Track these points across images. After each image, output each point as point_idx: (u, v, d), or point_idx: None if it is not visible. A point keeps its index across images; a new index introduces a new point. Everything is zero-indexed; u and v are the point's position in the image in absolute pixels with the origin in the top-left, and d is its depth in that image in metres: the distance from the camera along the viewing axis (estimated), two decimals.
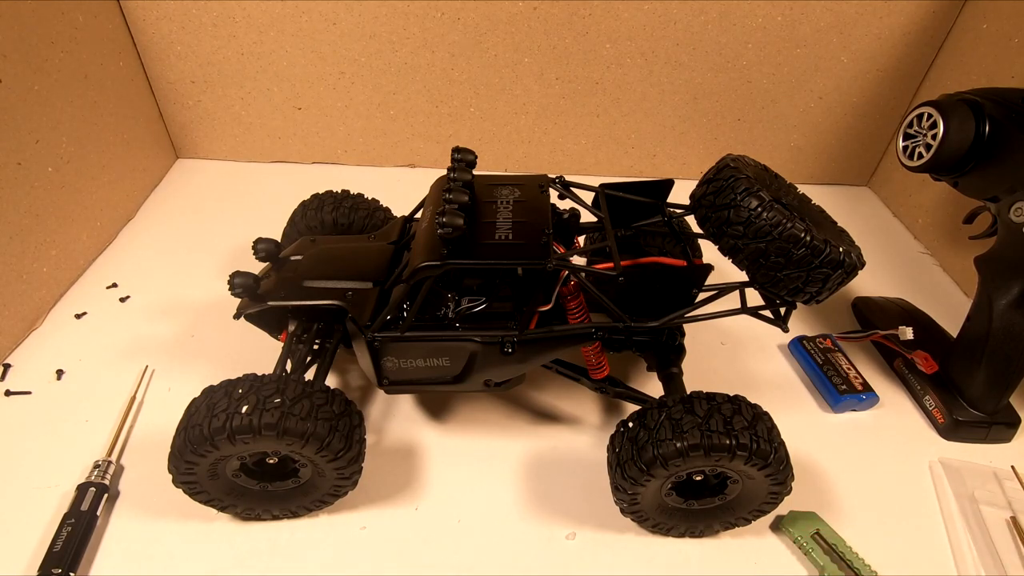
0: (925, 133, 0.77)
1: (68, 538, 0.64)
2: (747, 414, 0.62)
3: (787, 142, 1.29)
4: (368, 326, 0.68)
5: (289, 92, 1.20)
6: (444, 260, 0.64)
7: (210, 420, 0.59)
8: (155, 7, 1.09)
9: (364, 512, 0.72)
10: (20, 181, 0.87)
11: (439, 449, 0.79)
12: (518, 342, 0.68)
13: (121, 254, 1.05)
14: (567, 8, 1.10)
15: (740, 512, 0.68)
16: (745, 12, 1.11)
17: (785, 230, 0.61)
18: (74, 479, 0.70)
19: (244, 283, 0.70)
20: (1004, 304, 0.77)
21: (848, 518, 0.74)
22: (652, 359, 0.80)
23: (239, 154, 1.29)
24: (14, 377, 0.83)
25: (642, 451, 0.62)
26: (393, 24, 1.12)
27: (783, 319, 0.71)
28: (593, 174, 1.31)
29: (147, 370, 0.85)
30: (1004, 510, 0.75)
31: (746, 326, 0.78)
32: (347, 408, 0.66)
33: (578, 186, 0.78)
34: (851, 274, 0.64)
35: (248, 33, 1.12)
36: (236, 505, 0.67)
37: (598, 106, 1.23)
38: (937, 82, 1.17)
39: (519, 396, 0.86)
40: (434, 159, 1.30)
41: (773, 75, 1.18)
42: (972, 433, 0.83)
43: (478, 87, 1.20)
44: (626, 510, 0.68)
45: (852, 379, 0.87)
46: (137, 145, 1.14)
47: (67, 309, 0.94)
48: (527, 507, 0.73)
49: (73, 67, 0.96)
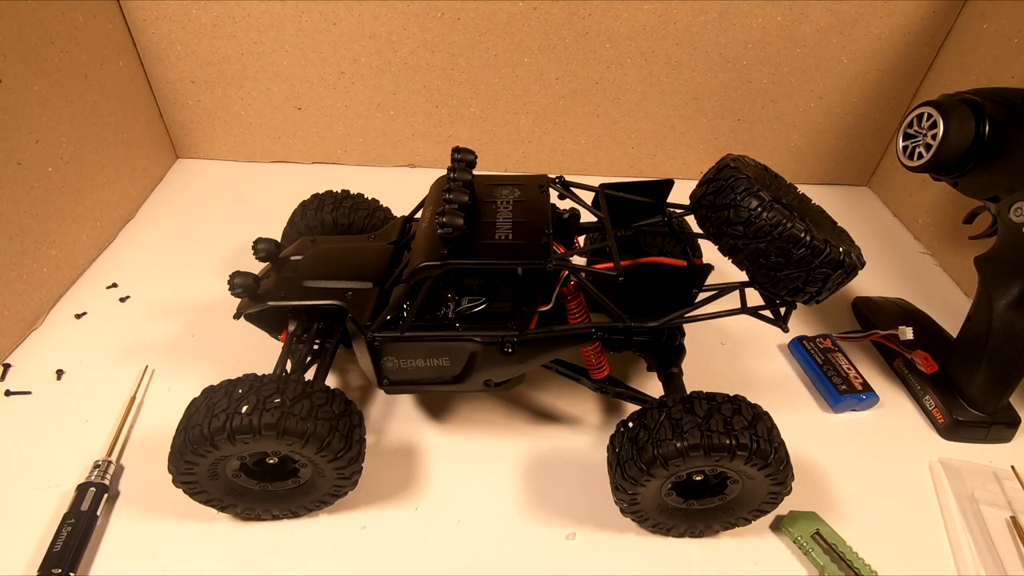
0: (925, 133, 0.77)
1: (68, 538, 0.64)
2: (747, 414, 0.62)
3: (787, 142, 1.29)
4: (368, 326, 0.68)
5: (289, 92, 1.20)
6: (444, 260, 0.64)
7: (210, 420, 0.59)
8: (155, 7, 1.09)
9: (364, 512, 0.72)
10: (20, 181, 0.87)
11: (439, 449, 0.79)
12: (518, 342, 0.68)
13: (121, 254, 1.05)
14: (567, 8, 1.10)
15: (740, 512, 0.68)
16: (745, 12, 1.11)
17: (785, 230, 0.61)
18: (74, 479, 0.71)
19: (244, 283, 0.70)
20: (1004, 304, 0.77)
21: (848, 518, 0.74)
22: (652, 359, 0.80)
23: (239, 154, 1.29)
24: (14, 377, 0.83)
25: (642, 451, 0.62)
26: (393, 24, 1.12)
27: (783, 319, 0.71)
28: (593, 174, 1.31)
29: (147, 370, 0.85)
30: (1004, 510, 0.75)
31: (746, 326, 0.78)
32: (347, 408, 0.66)
33: (578, 186, 0.78)
34: (851, 274, 0.64)
35: (248, 33, 1.12)
36: (236, 505, 0.67)
37: (598, 106, 1.23)
38: (937, 82, 1.17)
39: (519, 396, 0.86)
40: (434, 159, 1.30)
41: (773, 75, 1.18)
42: (972, 433, 0.83)
43: (478, 87, 1.20)
44: (626, 510, 0.68)
45: (852, 379, 0.87)
46: (137, 145, 1.14)
47: (67, 309, 0.94)
48: (527, 507, 0.73)
49: (73, 67, 0.96)
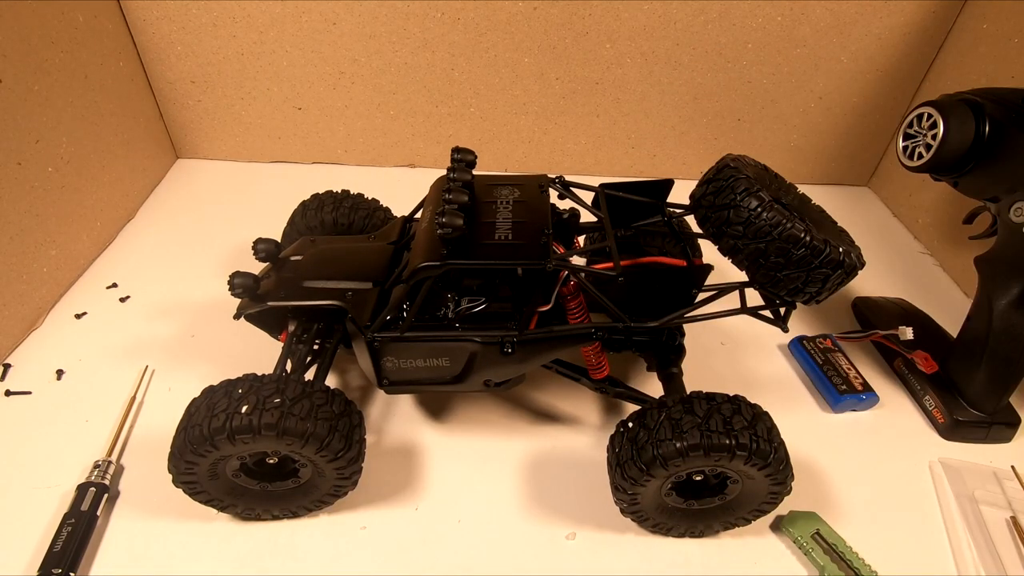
0: (925, 133, 0.77)
1: (68, 538, 0.64)
2: (747, 414, 0.62)
3: (787, 142, 1.29)
4: (368, 326, 0.68)
5: (289, 92, 1.20)
6: (444, 260, 0.64)
7: (210, 420, 0.59)
8: (155, 7, 1.09)
9: (364, 512, 0.72)
10: (20, 181, 0.87)
11: (439, 449, 0.79)
12: (518, 342, 0.68)
13: (121, 254, 1.05)
14: (567, 8, 1.10)
15: (740, 512, 0.68)
16: (745, 12, 1.11)
17: (785, 230, 0.61)
18: (74, 479, 0.71)
19: (244, 283, 0.70)
20: (1004, 304, 0.77)
21: (848, 518, 0.74)
22: (652, 359, 0.80)
23: (239, 154, 1.29)
24: (14, 377, 0.83)
25: (642, 451, 0.62)
26: (393, 24, 1.12)
27: (783, 319, 0.71)
28: (593, 174, 1.31)
29: (147, 370, 0.85)
30: (1004, 510, 0.75)
31: (746, 326, 0.78)
32: (347, 408, 0.66)
33: (578, 186, 0.78)
34: (851, 274, 0.64)
35: (248, 33, 1.12)
36: (236, 505, 0.67)
37: (598, 106, 1.23)
38: (937, 82, 1.17)
39: (519, 396, 0.86)
40: (434, 159, 1.30)
41: (773, 75, 1.18)
42: (972, 433, 0.83)
43: (478, 87, 1.20)
44: (626, 510, 0.68)
45: (852, 379, 0.87)
46: (137, 145, 1.14)
47: (67, 309, 0.94)
48: (527, 507, 0.73)
49: (73, 67, 0.96)
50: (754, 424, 0.61)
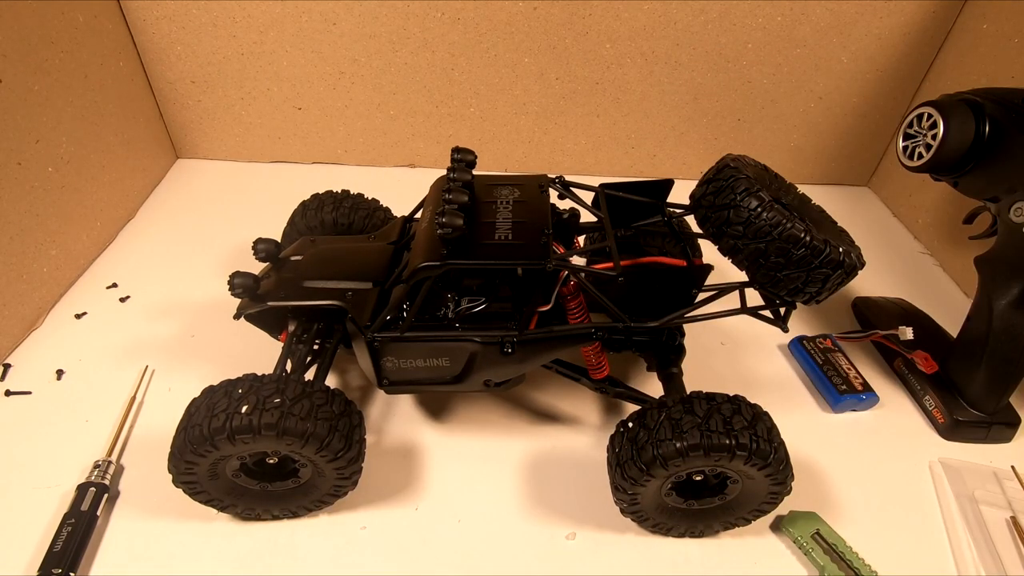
0: (925, 133, 0.77)
1: (68, 538, 0.64)
2: (747, 414, 0.62)
3: (787, 142, 1.29)
4: (368, 326, 0.68)
5: (289, 92, 1.20)
6: (444, 260, 0.64)
7: (210, 420, 0.59)
8: (155, 7, 1.09)
9: (364, 512, 0.72)
10: (20, 181, 0.87)
11: (439, 449, 0.79)
12: (518, 342, 0.68)
13: (121, 254, 1.05)
14: (567, 8, 1.10)
15: (740, 512, 0.68)
16: (745, 12, 1.11)
17: (785, 230, 0.61)
18: (74, 479, 0.71)
19: (244, 283, 0.70)
20: (1004, 304, 0.77)
21: (848, 518, 0.74)
22: (652, 359, 0.80)
23: (239, 154, 1.29)
24: (14, 377, 0.83)
25: (642, 451, 0.62)
26: (393, 24, 1.12)
27: (783, 319, 0.71)
28: (593, 174, 1.31)
29: (147, 370, 0.85)
30: (1004, 510, 0.75)
31: (746, 326, 0.78)
32: (347, 408, 0.66)
33: (578, 186, 0.78)
34: (851, 274, 0.64)
35: (248, 33, 1.12)
36: (236, 505, 0.67)
37: (598, 106, 1.23)
38: (937, 82, 1.17)
39: (519, 396, 0.86)
40: (434, 159, 1.30)
41: (773, 75, 1.18)
42: (972, 433, 0.83)
43: (478, 87, 1.20)
44: (626, 510, 0.68)
45: (852, 379, 0.87)
46: (137, 145, 1.14)
47: (67, 309, 0.94)
48: (527, 507, 0.73)
49: (73, 67, 0.96)
50: (754, 424, 0.61)
